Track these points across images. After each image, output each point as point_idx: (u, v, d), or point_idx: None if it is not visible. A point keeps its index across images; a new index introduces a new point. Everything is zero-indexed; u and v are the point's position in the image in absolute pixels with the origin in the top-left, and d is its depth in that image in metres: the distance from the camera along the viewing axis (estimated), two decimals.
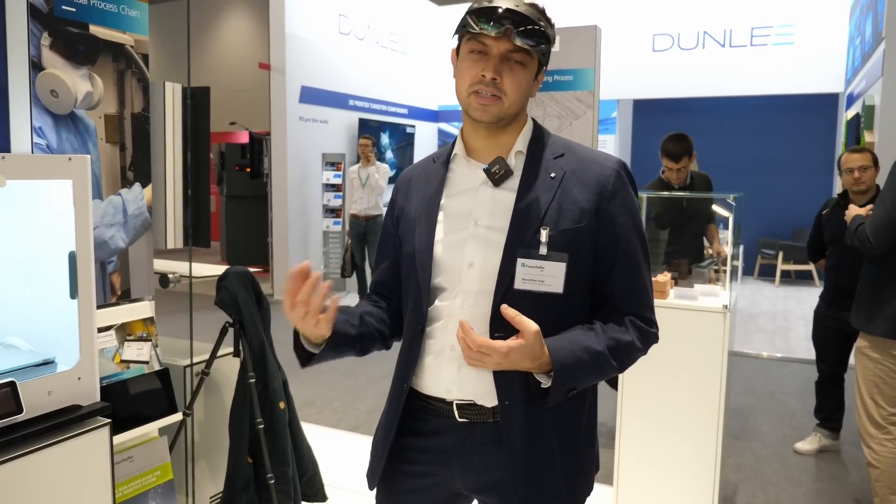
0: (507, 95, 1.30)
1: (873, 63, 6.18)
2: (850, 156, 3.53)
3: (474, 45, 1.31)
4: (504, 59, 1.29)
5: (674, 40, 9.79)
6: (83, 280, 1.53)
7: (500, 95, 1.30)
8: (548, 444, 1.34)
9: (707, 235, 4.16)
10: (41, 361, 1.52)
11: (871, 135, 5.80)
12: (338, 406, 4.68)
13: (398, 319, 1.51)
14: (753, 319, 7.57)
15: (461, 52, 1.35)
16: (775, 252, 9.72)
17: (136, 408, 2.05)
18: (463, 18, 1.31)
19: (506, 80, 1.29)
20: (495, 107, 1.31)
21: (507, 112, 1.33)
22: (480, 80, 1.29)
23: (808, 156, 10.04)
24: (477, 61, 1.31)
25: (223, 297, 2.64)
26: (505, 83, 1.29)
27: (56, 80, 1.83)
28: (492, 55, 1.29)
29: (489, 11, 1.27)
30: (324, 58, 8.58)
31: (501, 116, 1.33)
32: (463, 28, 1.31)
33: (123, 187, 2.05)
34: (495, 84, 1.29)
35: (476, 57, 1.31)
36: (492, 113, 1.31)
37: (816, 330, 3.94)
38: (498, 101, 1.30)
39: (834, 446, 3.98)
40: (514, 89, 1.31)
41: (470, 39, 1.31)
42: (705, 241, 4.11)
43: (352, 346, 1.40)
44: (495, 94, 1.30)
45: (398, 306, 1.51)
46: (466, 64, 1.32)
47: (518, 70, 1.31)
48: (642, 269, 1.37)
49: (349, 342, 1.39)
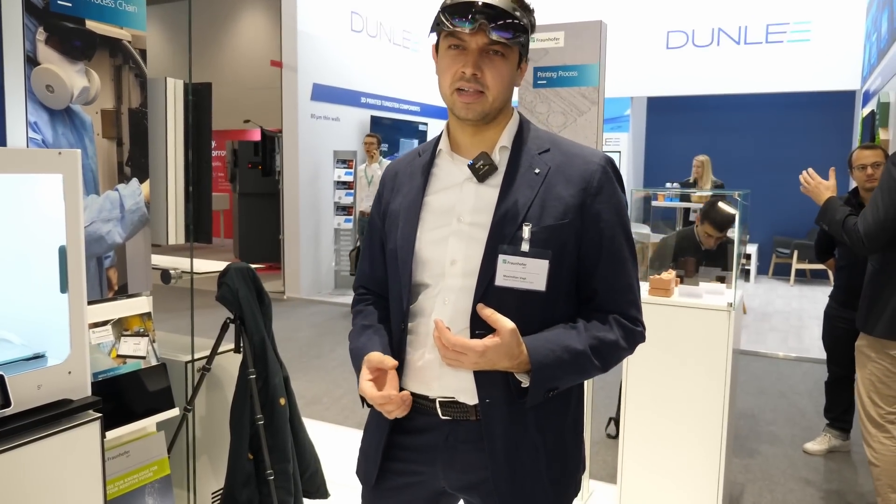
0: (490, 89, 1.28)
1: (889, 60, 6.09)
2: (862, 152, 3.48)
3: (451, 41, 1.29)
4: (483, 53, 1.27)
5: (688, 37, 9.70)
6: (73, 274, 1.53)
7: (483, 90, 1.28)
8: (531, 443, 1.32)
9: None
10: (31, 355, 1.53)
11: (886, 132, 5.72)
12: (345, 403, 4.68)
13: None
14: (767, 319, 7.49)
15: (440, 48, 1.33)
16: (790, 251, 9.61)
17: (131, 403, 2.05)
18: (437, 16, 1.28)
19: (487, 74, 1.27)
20: (479, 104, 1.29)
21: (491, 107, 1.31)
22: (461, 76, 1.27)
23: (824, 154, 9.90)
24: (456, 58, 1.28)
25: (224, 293, 2.64)
26: (486, 77, 1.27)
27: (52, 76, 1.83)
28: (470, 50, 1.27)
29: (463, 7, 1.24)
30: (336, 55, 8.59)
31: (486, 112, 1.31)
32: (437, 26, 1.29)
33: (121, 182, 2.06)
34: (477, 79, 1.27)
35: (455, 53, 1.29)
36: (476, 110, 1.30)
37: (827, 331, 3.89)
38: (481, 96, 1.28)
39: (844, 447, 3.93)
40: (497, 82, 1.29)
41: (447, 36, 1.29)
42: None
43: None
44: (478, 89, 1.28)
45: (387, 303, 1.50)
46: (446, 61, 1.30)
47: (499, 62, 1.28)
48: (628, 267, 1.34)
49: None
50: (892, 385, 2.70)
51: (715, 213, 3.97)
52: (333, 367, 5.49)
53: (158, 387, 2.14)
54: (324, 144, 8.47)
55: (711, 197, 7.19)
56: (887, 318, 2.65)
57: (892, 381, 2.70)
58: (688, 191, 7.39)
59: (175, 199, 2.50)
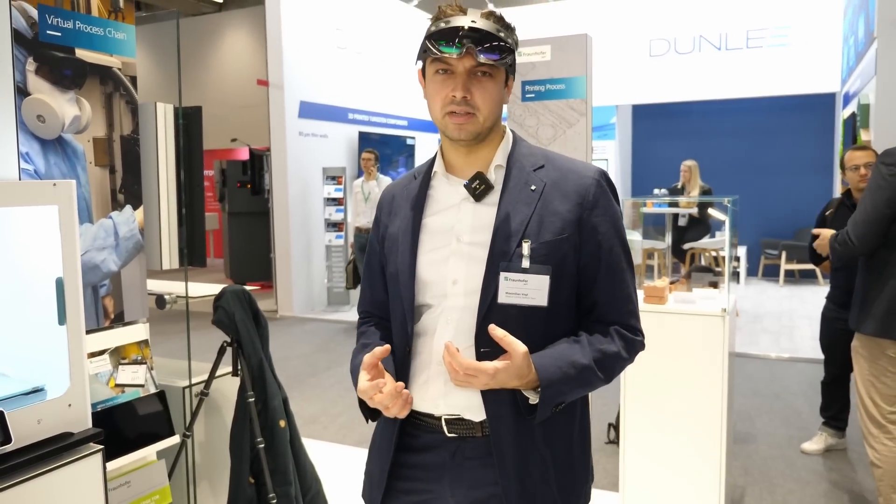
0: (481, 110, 1.30)
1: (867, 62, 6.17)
2: (854, 153, 3.52)
3: (439, 66, 1.30)
4: (470, 75, 1.29)
5: (670, 45, 9.80)
6: (71, 306, 1.52)
7: (474, 111, 1.30)
8: (539, 456, 1.32)
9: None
10: (30, 389, 1.51)
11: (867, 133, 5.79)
12: (343, 421, 4.66)
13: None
14: (758, 320, 7.53)
15: (427, 73, 1.35)
16: (778, 252, 9.69)
17: (132, 432, 2.04)
18: (423, 43, 1.30)
19: (476, 96, 1.29)
20: (471, 124, 1.31)
21: (483, 127, 1.32)
22: (452, 99, 1.29)
23: (807, 155, 10.03)
24: (444, 82, 1.30)
25: (220, 317, 2.63)
26: (476, 98, 1.29)
27: (42, 105, 1.83)
28: (458, 73, 1.29)
29: (449, 33, 1.26)
30: (322, 72, 8.61)
31: (478, 132, 1.32)
32: (425, 53, 1.30)
33: (114, 210, 2.05)
34: (467, 101, 1.29)
35: (443, 77, 1.30)
36: (468, 131, 1.31)
37: (825, 332, 3.90)
38: (472, 117, 1.30)
39: (840, 445, 3.95)
40: (487, 103, 1.30)
41: (434, 61, 1.31)
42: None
43: None
44: (468, 111, 1.29)
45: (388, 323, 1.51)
46: (435, 86, 1.32)
47: (487, 83, 1.30)
48: (626, 278, 1.36)
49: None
50: (891, 384, 2.72)
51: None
52: (330, 386, 5.47)
53: (158, 414, 2.13)
54: (312, 161, 8.48)
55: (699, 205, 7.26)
56: (880, 317, 2.67)
57: (890, 380, 2.72)
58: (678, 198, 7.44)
59: (168, 223, 2.49)
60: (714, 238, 7.86)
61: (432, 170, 1.43)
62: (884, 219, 2.60)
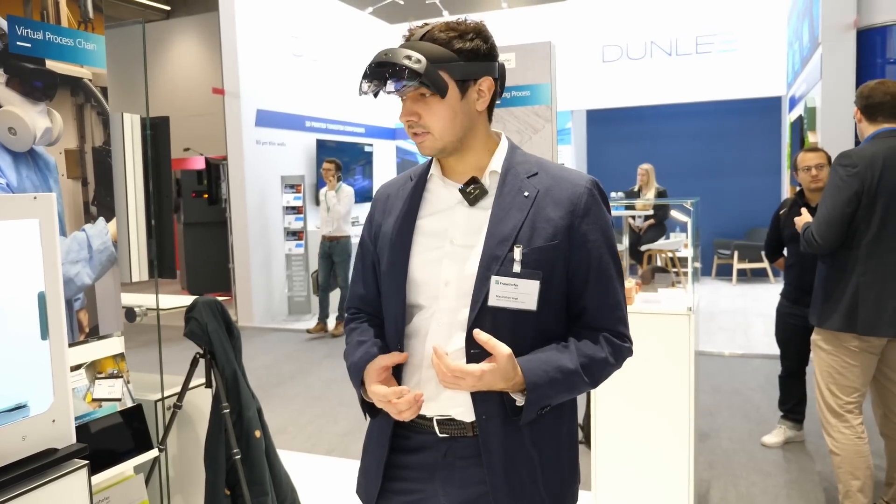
0: (433, 128, 1.34)
1: (812, 67, 6.43)
2: (806, 155, 3.67)
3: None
4: (415, 99, 1.33)
5: (622, 51, 10.02)
6: (53, 320, 1.50)
7: (427, 131, 1.34)
8: (527, 456, 1.36)
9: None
10: (13, 406, 1.49)
11: (815, 135, 6.02)
12: (311, 431, 4.63)
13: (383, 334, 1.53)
14: (714, 318, 7.74)
15: None
16: (731, 252, 9.96)
17: (110, 447, 2.01)
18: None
19: (424, 117, 1.33)
20: (428, 142, 1.35)
21: (444, 142, 1.35)
22: (407, 124, 1.36)
23: (756, 157, 10.34)
24: (401, 107, 1.36)
25: (193, 328, 2.61)
26: (424, 120, 1.33)
27: (14, 118, 1.80)
28: (404, 100, 1.35)
29: (368, 74, 1.33)
30: (279, 80, 8.55)
31: (440, 148, 1.36)
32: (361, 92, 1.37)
33: (87, 223, 2.02)
34: (418, 123, 1.34)
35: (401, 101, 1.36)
36: (428, 148, 1.36)
37: (780, 327, 4.04)
38: (427, 136, 1.35)
39: (799, 437, 4.09)
40: (436, 121, 1.33)
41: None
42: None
43: None
44: (421, 131, 1.34)
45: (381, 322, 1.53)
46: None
47: (432, 102, 1.32)
48: (614, 284, 1.40)
49: None
50: (850, 376, 2.84)
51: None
52: (295, 395, 5.43)
53: (136, 428, 2.10)
54: (270, 170, 8.40)
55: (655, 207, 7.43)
56: (842, 312, 2.78)
57: (849, 372, 2.84)
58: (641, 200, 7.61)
59: (137, 235, 2.47)
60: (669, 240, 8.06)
61: (429, 172, 1.46)
62: (845, 218, 2.72)
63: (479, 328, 1.29)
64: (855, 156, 2.75)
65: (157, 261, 2.56)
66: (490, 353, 1.28)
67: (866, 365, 2.84)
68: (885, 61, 5.40)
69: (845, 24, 5.52)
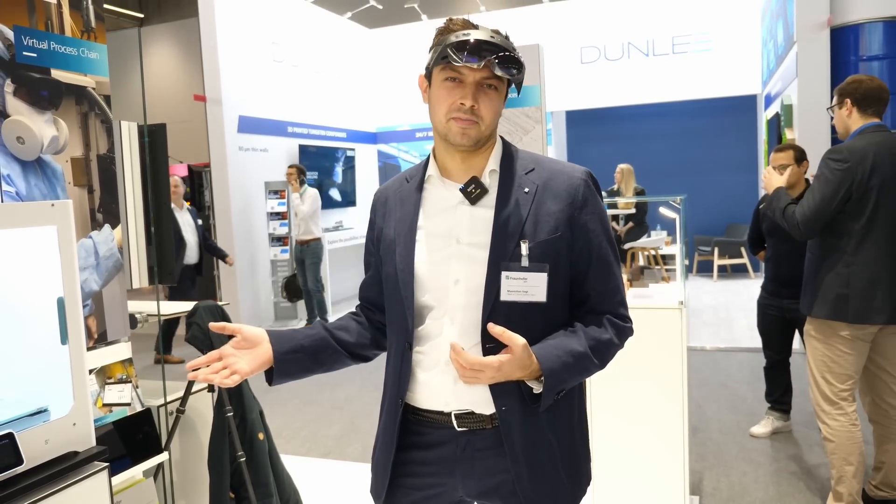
0: (484, 119, 1.37)
1: (787, 65, 6.57)
2: (776, 155, 3.77)
3: (449, 73, 1.36)
4: (479, 86, 1.36)
5: (600, 52, 10.14)
6: (72, 325, 1.53)
7: (478, 120, 1.37)
8: (546, 441, 1.41)
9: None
10: (35, 410, 1.51)
11: (791, 132, 6.15)
12: (306, 434, 4.65)
13: (381, 333, 1.59)
14: (698, 314, 7.86)
15: (435, 79, 1.40)
16: (711, 248, 10.11)
17: (121, 451, 2.03)
18: (442, 49, 1.34)
19: (482, 106, 1.36)
20: (473, 130, 1.37)
21: (483, 135, 1.40)
22: (459, 107, 1.36)
23: (733, 155, 10.51)
24: (453, 89, 1.37)
25: (195, 333, 2.63)
26: (481, 109, 1.36)
27: (22, 127, 1.81)
28: (468, 83, 1.35)
29: (470, 45, 1.32)
30: (260, 86, 8.54)
31: (479, 139, 1.40)
32: (443, 59, 1.34)
33: (94, 230, 2.04)
34: (472, 110, 1.36)
35: (452, 84, 1.37)
36: (471, 136, 1.38)
37: (761, 319, 4.15)
38: (475, 125, 1.37)
39: (786, 427, 4.19)
40: (490, 114, 1.38)
41: (445, 68, 1.37)
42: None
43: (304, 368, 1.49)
44: (473, 119, 1.36)
45: (382, 321, 1.57)
46: (443, 92, 1.38)
47: (493, 95, 1.38)
48: (614, 270, 1.46)
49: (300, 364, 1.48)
50: (843, 364, 2.92)
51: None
52: (288, 400, 5.43)
53: (146, 432, 2.12)
54: (254, 176, 8.39)
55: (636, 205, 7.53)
56: (832, 301, 2.87)
57: (842, 360, 2.92)
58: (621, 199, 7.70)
59: (136, 242, 2.48)
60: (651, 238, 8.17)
61: (426, 173, 1.49)
62: (830, 210, 2.81)
63: (493, 323, 1.34)
64: (846, 150, 2.84)
65: (157, 267, 2.58)
66: (505, 344, 1.33)
67: (859, 352, 2.92)
68: (859, 58, 5.54)
69: (819, 22, 5.66)
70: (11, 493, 1.38)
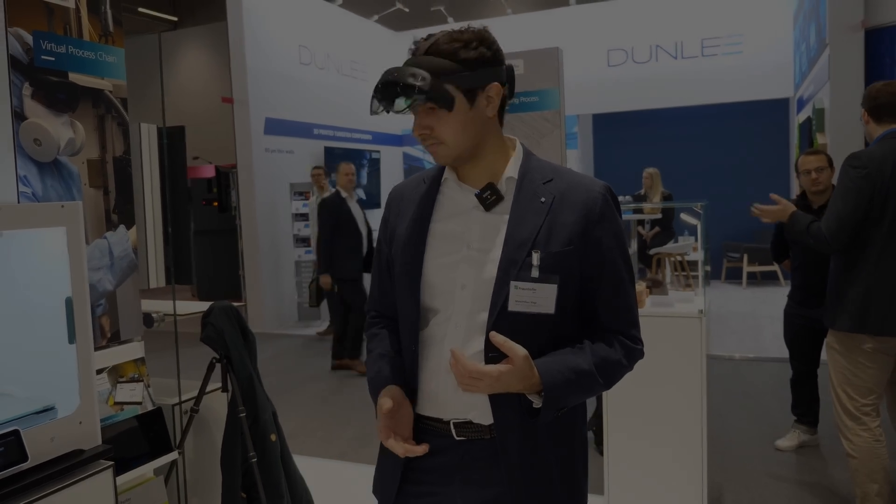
0: (446, 139, 1.36)
1: (819, 68, 6.44)
2: (806, 158, 3.69)
3: None
4: (427, 112, 1.35)
5: (628, 55, 10.05)
6: (80, 325, 1.54)
7: (440, 142, 1.36)
8: (544, 457, 1.38)
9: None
10: (41, 408, 1.53)
11: (823, 136, 6.03)
12: (322, 435, 4.67)
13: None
14: (724, 321, 7.74)
15: None
16: (740, 255, 9.95)
17: (131, 449, 2.05)
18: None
19: (436, 130, 1.35)
20: (441, 150, 1.37)
21: (457, 151, 1.37)
22: (419, 137, 1.38)
23: (764, 159, 10.35)
24: (413, 120, 1.38)
25: (209, 333, 2.65)
26: (436, 132, 1.36)
27: (39, 129, 1.84)
28: (415, 114, 1.37)
29: (379, 93, 1.34)
30: (286, 89, 8.62)
31: (455, 157, 1.38)
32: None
33: (109, 230, 2.07)
34: (430, 135, 1.36)
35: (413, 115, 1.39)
36: (442, 157, 1.38)
37: (787, 329, 4.05)
38: (440, 146, 1.37)
39: (813, 441, 4.08)
40: (448, 131, 1.35)
41: None
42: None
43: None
44: (434, 142, 1.37)
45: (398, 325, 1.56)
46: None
47: (442, 114, 1.34)
48: (627, 288, 1.42)
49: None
50: (864, 377, 2.84)
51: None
52: (305, 401, 5.46)
53: (157, 431, 2.14)
54: (279, 178, 8.47)
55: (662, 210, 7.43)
56: (853, 313, 2.79)
57: (863, 373, 2.84)
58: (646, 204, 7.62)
59: (154, 242, 2.51)
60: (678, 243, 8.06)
61: (442, 175, 1.47)
62: (855, 219, 2.73)
63: (498, 332, 1.31)
64: (865, 157, 2.77)
65: (173, 267, 2.61)
66: (507, 355, 1.31)
67: (882, 366, 2.84)
68: (894, 61, 5.41)
69: (853, 24, 5.54)
70: (16, 490, 1.40)
